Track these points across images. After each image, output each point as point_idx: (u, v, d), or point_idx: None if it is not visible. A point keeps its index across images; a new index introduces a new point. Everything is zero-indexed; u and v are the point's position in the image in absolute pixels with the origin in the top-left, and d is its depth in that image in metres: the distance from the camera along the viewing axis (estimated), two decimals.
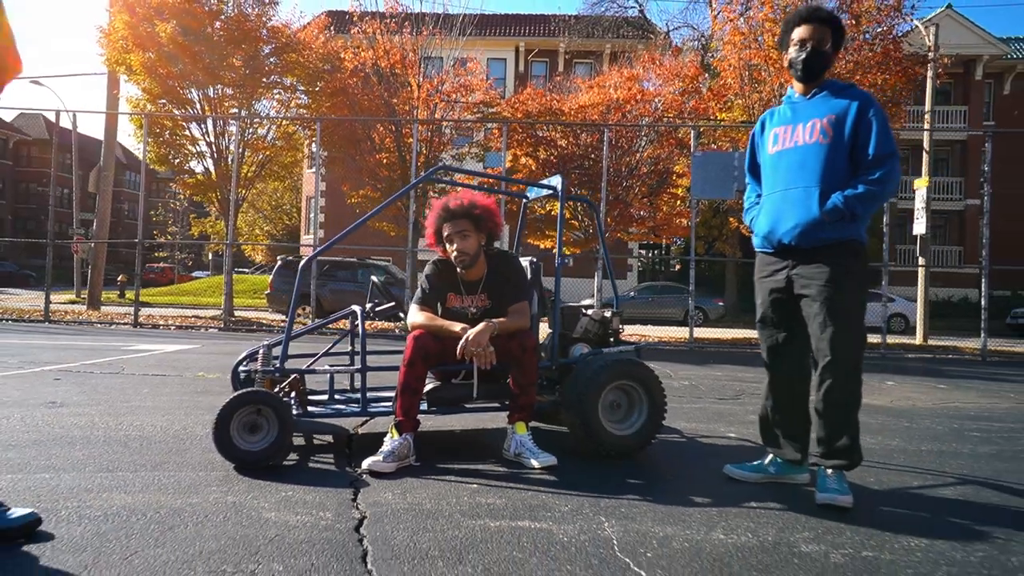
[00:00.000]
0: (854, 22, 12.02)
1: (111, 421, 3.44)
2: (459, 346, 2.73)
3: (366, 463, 2.63)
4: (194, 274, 44.34)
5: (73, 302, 19.13)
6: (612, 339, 3.55)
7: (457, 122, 13.84)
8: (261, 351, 3.04)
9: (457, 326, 2.82)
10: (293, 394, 2.98)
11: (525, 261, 3.36)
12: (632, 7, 26.84)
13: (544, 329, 3.70)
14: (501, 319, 2.83)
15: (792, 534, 2.09)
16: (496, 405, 3.04)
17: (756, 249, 2.77)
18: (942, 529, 2.18)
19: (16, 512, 1.85)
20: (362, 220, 3.35)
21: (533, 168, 13.92)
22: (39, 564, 1.68)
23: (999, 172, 29.77)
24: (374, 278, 3.45)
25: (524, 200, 3.82)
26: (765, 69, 12.73)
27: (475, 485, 2.51)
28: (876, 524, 2.21)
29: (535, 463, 2.76)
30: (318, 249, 3.23)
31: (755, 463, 2.77)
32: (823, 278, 2.48)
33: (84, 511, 2.06)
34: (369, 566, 1.74)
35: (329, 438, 3.22)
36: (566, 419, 3.12)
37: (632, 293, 22.12)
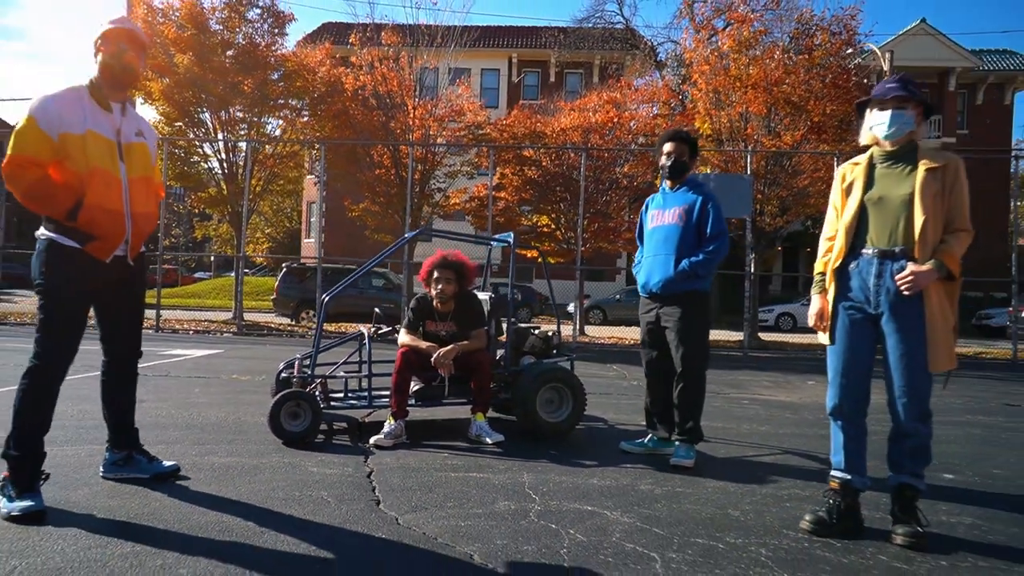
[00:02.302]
0: (807, 55, 13.28)
1: (183, 413, 4.68)
2: (432, 360, 4.01)
3: (372, 440, 3.88)
4: (196, 275, 45.53)
5: None
6: (554, 351, 4.81)
7: (449, 144, 15.06)
8: (297, 361, 4.30)
9: (427, 346, 4.09)
10: (320, 392, 4.23)
11: (486, 295, 4.62)
12: (619, 22, 28.02)
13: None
14: (464, 343, 4.10)
15: (640, 481, 3.35)
16: (463, 401, 4.29)
17: (640, 293, 4.02)
18: (738, 476, 3.44)
19: (166, 463, 3.10)
20: (371, 263, 4.59)
21: (517, 184, 15.17)
22: (189, 489, 2.93)
23: (974, 179, 31.05)
24: (377, 309, 4.71)
25: (488, 247, 5.08)
26: (731, 95, 13.97)
27: (445, 453, 3.77)
28: (697, 475, 3.47)
29: (488, 440, 4.01)
30: (333, 289, 4.48)
31: (639, 440, 4.03)
32: (677, 316, 3.74)
33: (198, 466, 3.31)
34: (377, 494, 2.99)
35: (344, 424, 4.46)
36: (515, 410, 4.37)
37: (618, 296, 23.39)
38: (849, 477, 2.71)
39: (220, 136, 14.93)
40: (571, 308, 16.83)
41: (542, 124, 15.13)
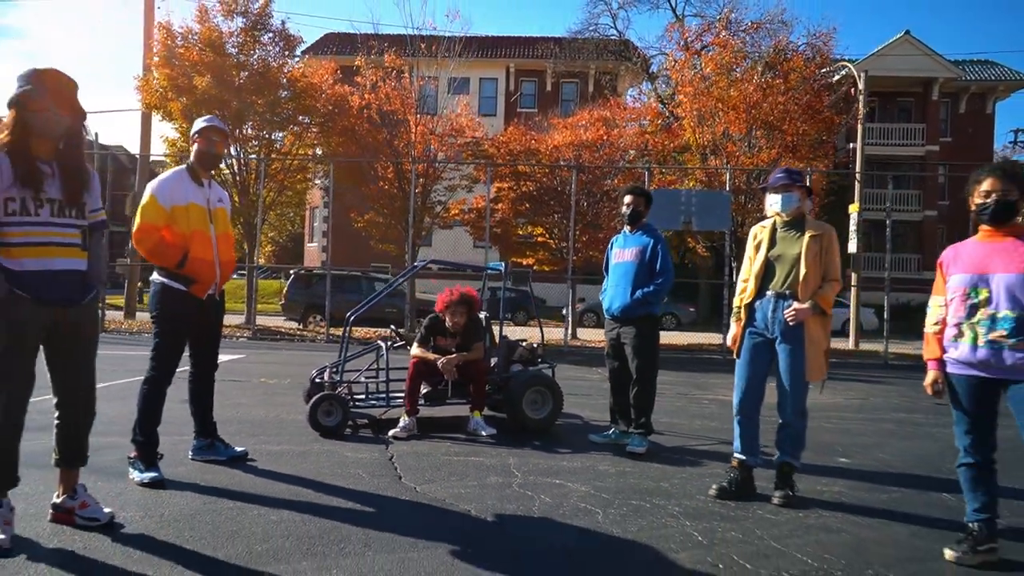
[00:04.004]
0: (783, 79, 14.28)
1: (232, 412, 5.65)
2: (439, 364, 5.00)
3: (390, 432, 4.86)
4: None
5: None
6: (539, 361, 5.80)
7: (449, 160, 16.04)
8: (328, 368, 5.28)
9: (434, 357, 5.07)
10: (347, 394, 5.21)
11: (483, 315, 5.60)
12: (612, 34, 28.98)
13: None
14: (464, 353, 5.08)
15: (600, 463, 4.33)
16: (463, 401, 5.27)
17: (605, 316, 5.00)
18: (676, 460, 4.42)
19: (237, 448, 4.08)
20: (391, 286, 5.56)
21: (513, 197, 16.17)
22: (258, 468, 3.91)
23: (956, 187, 31.94)
24: (392, 326, 5.68)
25: (484, 273, 6.06)
26: (714, 114, 14.97)
27: (449, 443, 4.75)
28: (646, 459, 4.46)
29: (483, 433, 4.98)
30: (358, 308, 5.46)
31: (605, 432, 5.02)
32: (633, 335, 4.72)
33: (258, 452, 4.28)
34: (399, 471, 3.97)
35: (366, 420, 5.43)
36: (505, 409, 5.35)
37: None
38: (744, 457, 3.70)
39: (233, 151, 15.87)
40: (564, 312, 17.79)
41: (536, 141, 16.11)
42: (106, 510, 2.89)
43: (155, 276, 3.70)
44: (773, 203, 3.77)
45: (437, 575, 2.56)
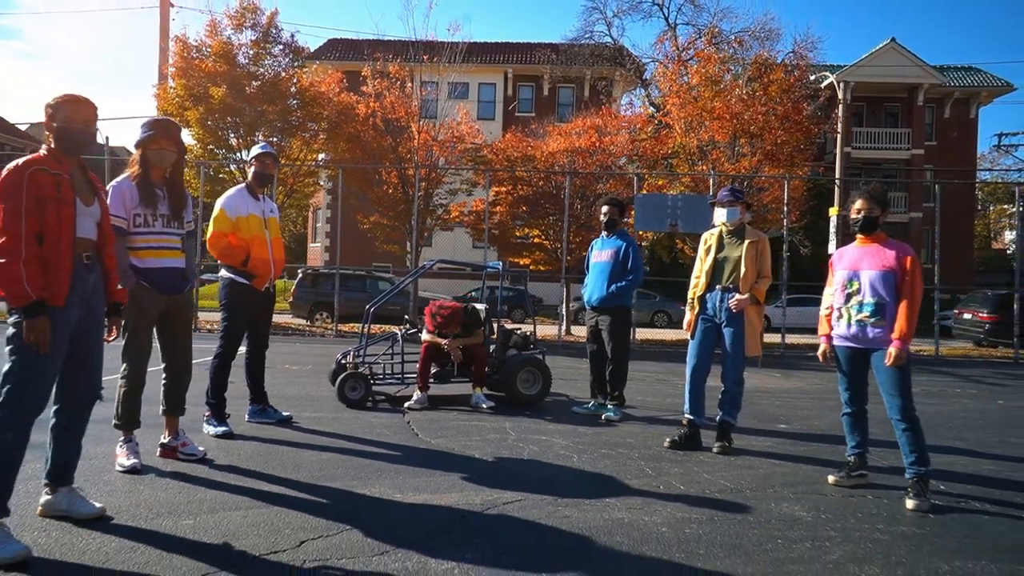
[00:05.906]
0: (762, 91, 15.22)
1: (266, 389, 6.56)
2: (444, 345, 5.93)
3: (406, 405, 5.80)
4: (204, 276, 47.37)
5: None
6: (531, 346, 6.74)
7: (450, 166, 16.98)
8: (352, 352, 6.22)
9: (443, 342, 6.00)
10: (368, 373, 6.14)
11: (482, 306, 6.54)
12: (607, 41, 29.93)
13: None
14: (466, 338, 6.02)
15: (579, 427, 5.27)
16: (466, 380, 6.20)
17: (585, 307, 5.94)
18: (642, 425, 5.36)
19: (284, 412, 5.01)
20: (403, 282, 6.49)
21: (511, 201, 17.12)
22: (302, 427, 4.84)
23: (938, 196, 32.88)
24: (407, 317, 6.61)
25: (484, 272, 7.00)
26: (701, 122, 15.90)
27: (455, 413, 5.69)
28: (618, 424, 5.39)
29: (484, 406, 5.91)
30: (377, 300, 6.39)
31: (586, 404, 5.95)
32: (608, 322, 5.66)
33: (299, 418, 5.20)
34: (415, 431, 4.90)
35: (384, 396, 6.36)
36: (502, 387, 6.28)
37: None
38: (693, 417, 4.65)
39: (245, 155, 16.78)
40: (560, 310, 18.71)
41: (533, 147, 17.05)
42: (200, 448, 3.83)
43: (223, 273, 4.63)
44: (720, 215, 4.71)
45: (453, 490, 3.50)
